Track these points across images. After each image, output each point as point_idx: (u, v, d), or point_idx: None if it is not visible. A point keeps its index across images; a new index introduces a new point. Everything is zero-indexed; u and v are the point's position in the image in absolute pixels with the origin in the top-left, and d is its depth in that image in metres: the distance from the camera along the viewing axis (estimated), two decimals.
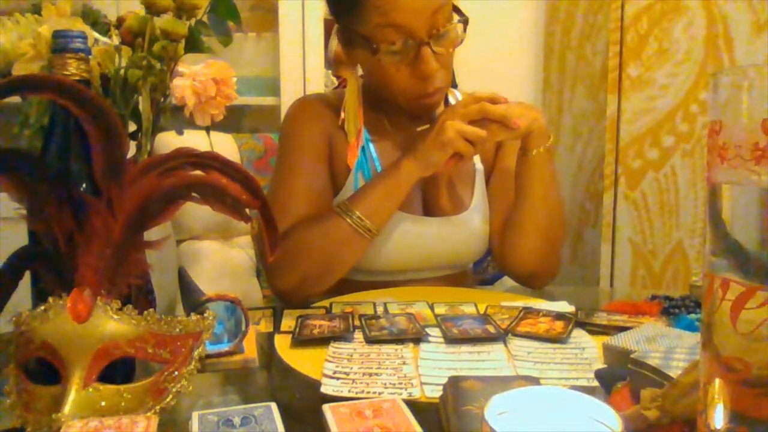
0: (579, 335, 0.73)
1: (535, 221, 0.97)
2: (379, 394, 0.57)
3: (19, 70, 0.74)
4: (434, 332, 0.73)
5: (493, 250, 1.07)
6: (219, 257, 1.30)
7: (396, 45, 0.89)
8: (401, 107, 0.98)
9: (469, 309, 0.82)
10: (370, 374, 0.61)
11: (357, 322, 0.75)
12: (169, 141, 1.16)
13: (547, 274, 1.01)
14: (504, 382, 0.53)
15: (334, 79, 1.79)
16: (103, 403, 0.50)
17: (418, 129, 1.03)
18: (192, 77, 0.79)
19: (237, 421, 0.48)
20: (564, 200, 1.04)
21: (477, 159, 1.07)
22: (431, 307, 0.83)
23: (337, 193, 0.99)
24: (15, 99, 0.59)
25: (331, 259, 0.90)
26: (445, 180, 1.04)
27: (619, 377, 0.54)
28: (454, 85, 1.27)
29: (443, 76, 0.95)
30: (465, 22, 0.94)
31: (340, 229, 0.89)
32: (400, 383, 0.59)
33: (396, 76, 0.92)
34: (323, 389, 0.58)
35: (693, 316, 0.76)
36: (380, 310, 0.82)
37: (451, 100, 1.07)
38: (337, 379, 0.60)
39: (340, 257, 0.91)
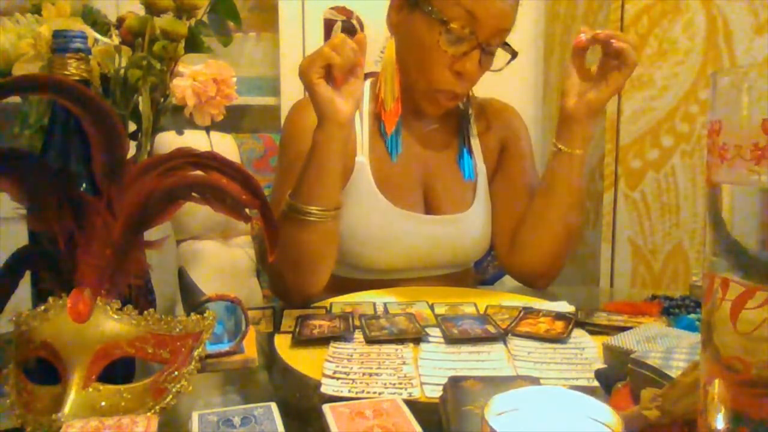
0: (579, 335, 0.73)
1: (557, 223, 0.97)
2: (379, 394, 0.57)
3: (19, 70, 0.74)
4: (434, 332, 0.73)
5: (497, 250, 1.07)
6: (219, 257, 1.30)
7: (465, 29, 0.90)
8: (414, 97, 0.99)
9: (469, 309, 0.82)
10: (370, 374, 0.61)
11: (357, 322, 0.75)
12: (169, 141, 1.17)
13: (553, 275, 1.01)
14: (504, 382, 0.53)
15: None
16: (103, 403, 0.50)
17: (426, 129, 1.04)
18: (192, 77, 0.79)
19: (237, 421, 0.48)
20: None
21: (480, 159, 1.07)
22: (431, 307, 0.83)
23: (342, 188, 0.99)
24: (15, 99, 0.59)
25: (311, 258, 0.88)
26: (446, 178, 1.04)
27: (619, 377, 0.54)
28: None
29: (469, 86, 0.98)
30: (513, 55, 0.96)
31: (301, 229, 0.86)
32: (400, 383, 0.59)
33: (436, 57, 0.92)
34: (323, 389, 0.58)
35: (693, 316, 0.76)
36: (380, 310, 0.82)
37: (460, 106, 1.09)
38: (337, 379, 0.60)
39: (318, 251, 0.88)
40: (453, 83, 0.94)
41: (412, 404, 0.51)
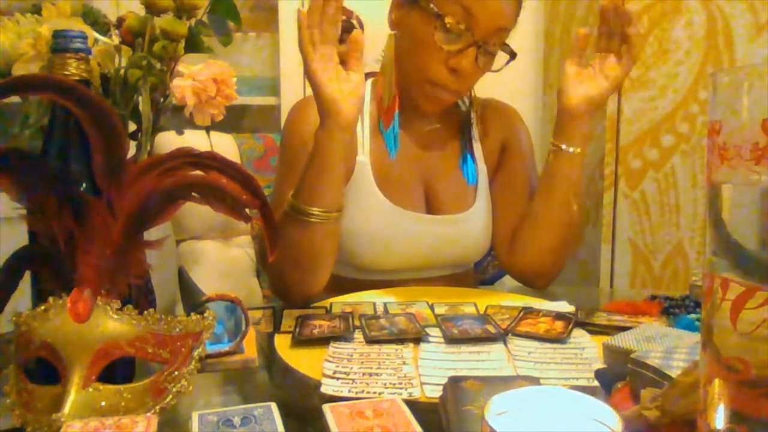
0: (579, 335, 0.73)
1: (556, 221, 0.97)
2: (379, 394, 0.57)
3: (19, 70, 0.74)
4: (434, 332, 0.73)
5: (497, 249, 1.07)
6: (219, 257, 1.30)
7: (460, 25, 0.90)
8: (412, 95, 0.99)
9: (469, 309, 0.82)
10: (370, 374, 0.61)
11: (357, 322, 0.75)
12: (169, 141, 1.16)
13: (554, 275, 1.01)
14: (504, 382, 0.53)
15: None
16: (103, 403, 0.50)
17: (427, 128, 1.04)
18: (192, 77, 0.79)
19: (237, 421, 0.48)
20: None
21: (480, 159, 1.07)
22: (431, 307, 0.83)
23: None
24: (15, 99, 0.59)
25: (313, 258, 0.88)
26: (448, 178, 1.04)
27: (619, 377, 0.54)
28: None
29: (466, 85, 0.97)
30: (511, 56, 0.96)
31: (303, 230, 0.86)
32: (400, 383, 0.59)
33: (432, 52, 0.92)
34: (323, 389, 0.58)
35: (693, 316, 0.76)
36: (380, 310, 0.82)
37: (460, 105, 1.09)
38: (337, 379, 0.60)
39: (319, 251, 0.88)
40: (448, 79, 0.94)
41: (412, 404, 0.50)
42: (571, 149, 0.95)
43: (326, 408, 0.49)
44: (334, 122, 0.83)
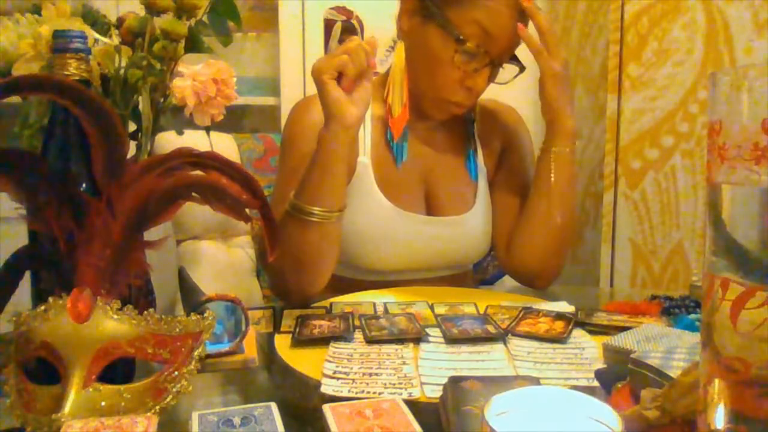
0: (579, 335, 0.73)
1: (549, 221, 0.98)
2: (379, 394, 0.57)
3: (19, 70, 0.74)
4: (434, 332, 0.73)
5: (497, 250, 1.07)
6: (219, 257, 1.30)
7: (480, 47, 0.91)
8: (422, 104, 0.99)
9: (469, 309, 0.82)
10: (370, 374, 0.61)
11: (357, 322, 0.75)
12: (169, 141, 1.16)
13: (552, 275, 1.01)
14: (504, 382, 0.53)
15: None
16: (103, 403, 0.50)
17: (430, 130, 1.04)
18: (192, 77, 0.79)
19: (237, 421, 0.48)
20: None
21: (480, 160, 1.07)
22: (431, 307, 0.83)
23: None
24: (15, 99, 0.59)
25: (313, 258, 0.88)
26: (448, 180, 1.04)
27: (619, 377, 0.54)
28: None
29: (477, 98, 0.99)
30: (520, 69, 0.98)
31: (304, 229, 0.85)
32: (400, 383, 0.59)
33: (448, 72, 0.93)
34: (323, 389, 0.58)
35: (693, 316, 0.76)
36: (380, 310, 0.82)
37: None
38: (337, 379, 0.60)
39: (320, 251, 0.88)
40: (462, 96, 0.95)
41: (412, 404, 0.51)
42: (556, 149, 0.96)
43: (326, 408, 0.49)
44: (338, 123, 0.83)
